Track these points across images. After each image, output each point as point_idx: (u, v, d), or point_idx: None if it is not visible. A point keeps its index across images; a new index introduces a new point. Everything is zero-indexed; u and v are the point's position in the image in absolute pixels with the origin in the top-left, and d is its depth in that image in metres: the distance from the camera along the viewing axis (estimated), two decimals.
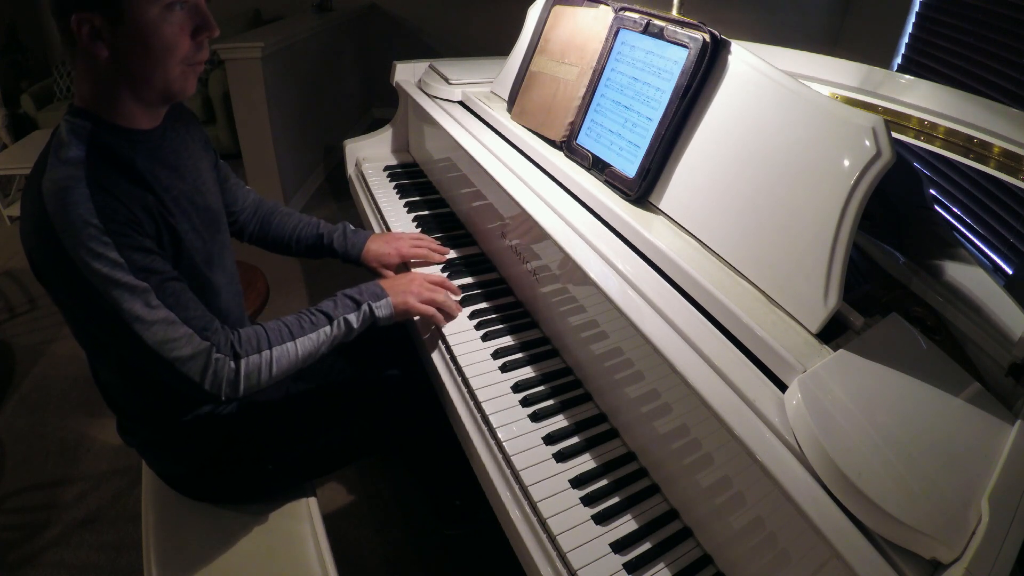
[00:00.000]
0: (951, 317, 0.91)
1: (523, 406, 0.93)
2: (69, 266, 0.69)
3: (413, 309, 1.01)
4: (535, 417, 0.91)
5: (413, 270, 1.13)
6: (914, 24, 2.92)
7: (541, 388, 0.97)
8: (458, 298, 1.12)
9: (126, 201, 0.73)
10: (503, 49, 1.37)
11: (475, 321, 1.09)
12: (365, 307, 0.95)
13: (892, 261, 1.01)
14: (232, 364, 0.81)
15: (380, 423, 1.10)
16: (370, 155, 1.68)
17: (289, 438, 1.02)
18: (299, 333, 0.88)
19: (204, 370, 0.78)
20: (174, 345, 0.75)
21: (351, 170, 1.66)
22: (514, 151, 1.15)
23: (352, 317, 0.94)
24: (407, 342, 1.16)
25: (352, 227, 1.21)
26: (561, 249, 0.91)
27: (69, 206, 0.69)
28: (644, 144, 0.93)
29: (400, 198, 1.49)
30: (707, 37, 0.86)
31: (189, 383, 0.78)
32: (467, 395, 0.96)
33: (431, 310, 1.03)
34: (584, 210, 0.96)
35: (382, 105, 4.48)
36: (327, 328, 0.91)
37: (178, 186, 0.83)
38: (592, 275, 0.84)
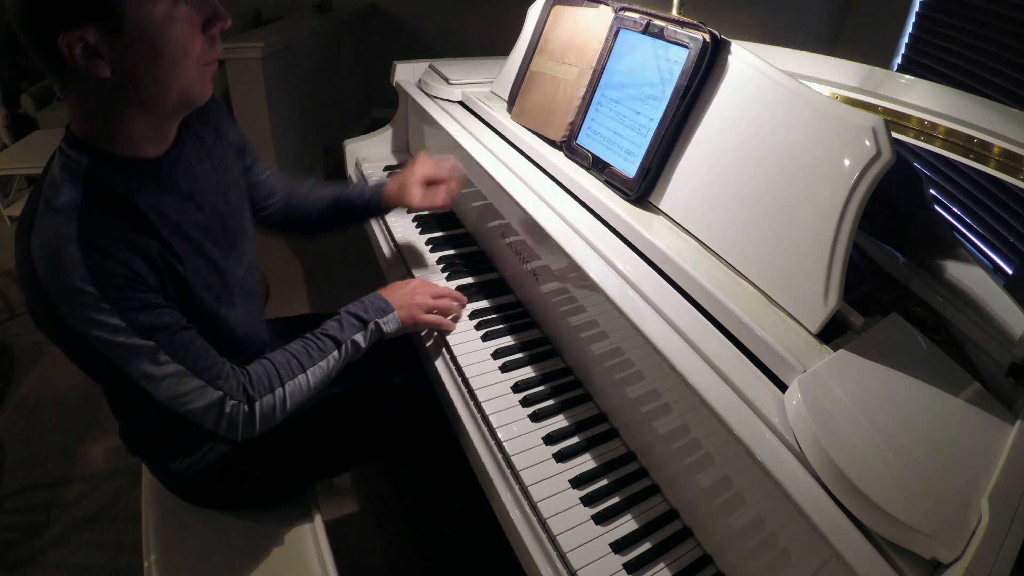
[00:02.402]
0: (951, 317, 0.91)
1: (523, 406, 0.93)
2: (69, 330, 0.64)
3: (421, 322, 1.00)
4: (535, 417, 0.91)
5: (414, 278, 1.11)
6: (914, 24, 2.92)
7: (541, 388, 0.97)
8: (462, 312, 1.10)
9: (124, 258, 0.66)
10: (503, 49, 1.37)
11: (475, 321, 1.09)
12: (372, 325, 0.93)
13: (892, 261, 1.01)
14: (246, 408, 0.78)
15: (383, 430, 1.10)
16: (370, 155, 1.68)
17: (292, 445, 1.01)
18: (309, 363, 0.86)
19: (218, 419, 0.75)
20: (186, 399, 0.72)
21: (351, 170, 1.66)
22: (514, 151, 1.15)
23: (359, 337, 0.92)
24: (410, 348, 1.15)
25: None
26: (561, 249, 0.91)
27: (61, 272, 0.62)
28: (644, 144, 0.93)
29: None
30: (707, 37, 0.86)
31: (204, 431, 0.75)
32: (467, 395, 0.96)
33: (438, 319, 1.03)
34: (584, 210, 0.96)
35: (382, 105, 4.48)
36: (335, 353, 0.89)
37: (192, 219, 0.77)
38: (592, 275, 0.84)
